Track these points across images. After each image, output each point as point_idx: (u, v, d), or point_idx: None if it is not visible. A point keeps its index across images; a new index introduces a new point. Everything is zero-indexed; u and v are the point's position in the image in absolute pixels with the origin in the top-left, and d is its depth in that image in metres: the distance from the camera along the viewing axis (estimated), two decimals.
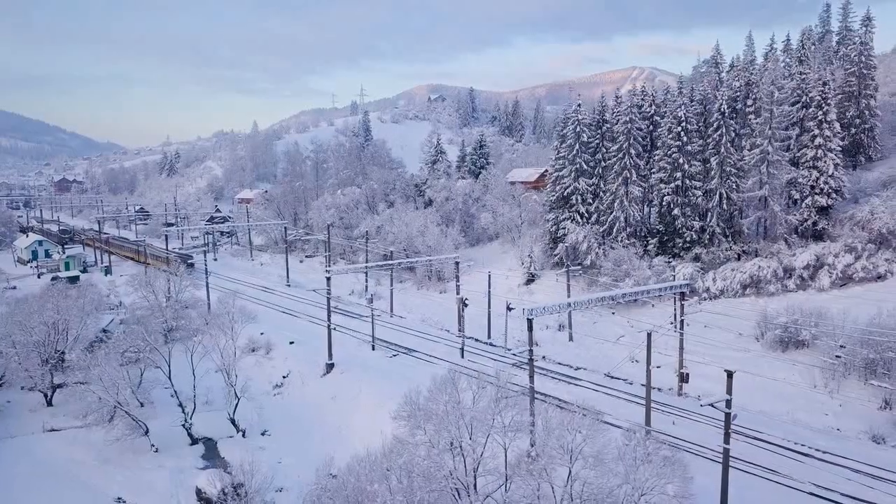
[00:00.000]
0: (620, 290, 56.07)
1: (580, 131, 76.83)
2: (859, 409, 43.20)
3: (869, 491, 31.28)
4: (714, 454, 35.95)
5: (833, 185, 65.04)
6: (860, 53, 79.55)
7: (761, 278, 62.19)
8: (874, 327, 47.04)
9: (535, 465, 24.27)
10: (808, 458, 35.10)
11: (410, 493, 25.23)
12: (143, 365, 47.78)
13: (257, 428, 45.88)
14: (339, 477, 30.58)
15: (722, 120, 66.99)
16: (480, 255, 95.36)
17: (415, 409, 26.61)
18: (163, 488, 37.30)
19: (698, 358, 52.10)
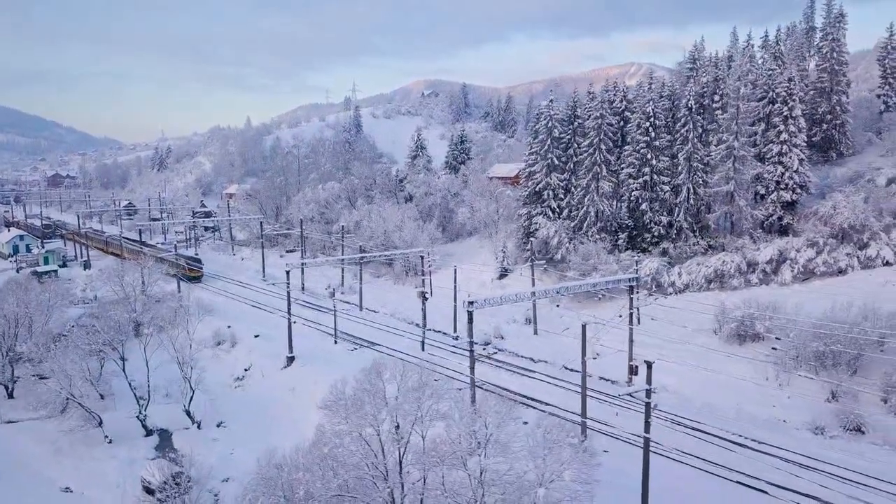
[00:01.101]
0: (569, 283, 56.61)
1: (552, 126, 77.22)
2: (807, 402, 43.69)
3: (794, 479, 31.89)
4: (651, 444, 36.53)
5: (798, 180, 65.55)
6: (832, 50, 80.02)
7: (725, 273, 62.68)
8: (827, 321, 47.62)
9: (450, 452, 24.79)
10: (742, 448, 35.71)
11: (329, 481, 25.77)
12: (103, 358, 48.26)
13: (214, 420, 46.46)
14: (278, 466, 31.08)
15: (689, 116, 67.41)
16: (459, 250, 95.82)
17: (339, 398, 27.09)
18: (111, 478, 37.83)
19: (657, 351, 52.69)
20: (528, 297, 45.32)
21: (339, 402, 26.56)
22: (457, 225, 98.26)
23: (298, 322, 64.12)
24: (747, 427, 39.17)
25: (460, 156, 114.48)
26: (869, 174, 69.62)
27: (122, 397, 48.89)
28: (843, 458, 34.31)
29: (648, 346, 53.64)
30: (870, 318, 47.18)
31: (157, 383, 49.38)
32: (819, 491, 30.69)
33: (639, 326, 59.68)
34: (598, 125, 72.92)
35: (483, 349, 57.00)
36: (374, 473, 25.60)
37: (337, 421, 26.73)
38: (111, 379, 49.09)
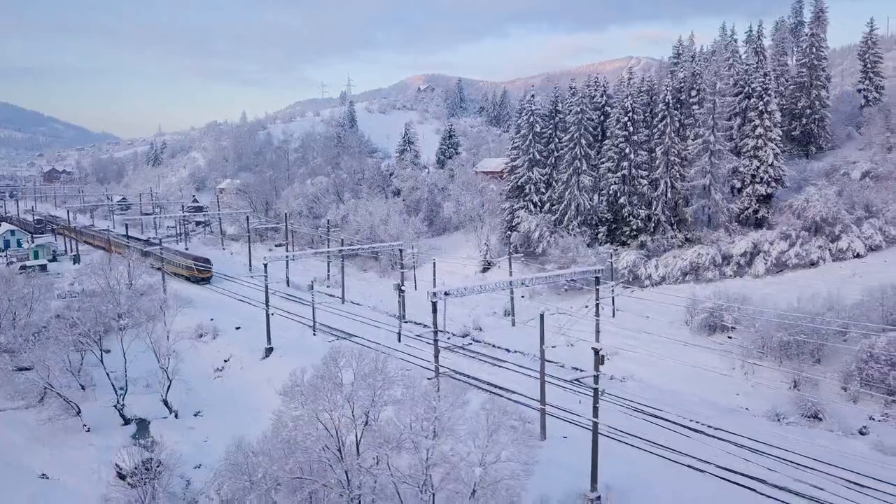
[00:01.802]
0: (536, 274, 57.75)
1: (533, 122, 78.10)
2: (769, 390, 44.72)
3: (743, 462, 32.96)
4: (609, 430, 37.61)
5: (773, 174, 66.49)
6: (811, 45, 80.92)
7: (700, 265, 63.72)
8: (793, 312, 48.61)
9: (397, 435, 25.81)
10: (698, 434, 36.78)
11: (286, 463, 26.83)
12: (83, 349, 49.25)
13: (192, 409, 47.44)
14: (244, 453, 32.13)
15: (667, 110, 68.27)
16: (445, 243, 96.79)
17: (296, 385, 28.09)
18: (87, 465, 38.82)
19: (628, 342, 53.80)
20: (493, 289, 46.27)
21: (297, 388, 27.54)
22: (444, 219, 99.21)
23: (281, 315, 65.30)
24: (707, 414, 40.18)
25: (448, 150, 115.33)
26: (844, 168, 70.70)
27: (103, 388, 49.78)
28: (795, 443, 35.29)
29: (622, 337, 55.00)
30: (834, 309, 48.32)
31: (138, 375, 50.42)
32: (765, 474, 31.73)
33: (614, 318, 61.00)
34: (578, 120, 73.81)
35: (461, 340, 58.05)
36: (330, 456, 26.61)
37: (294, 406, 27.73)
38: (92, 370, 50.02)
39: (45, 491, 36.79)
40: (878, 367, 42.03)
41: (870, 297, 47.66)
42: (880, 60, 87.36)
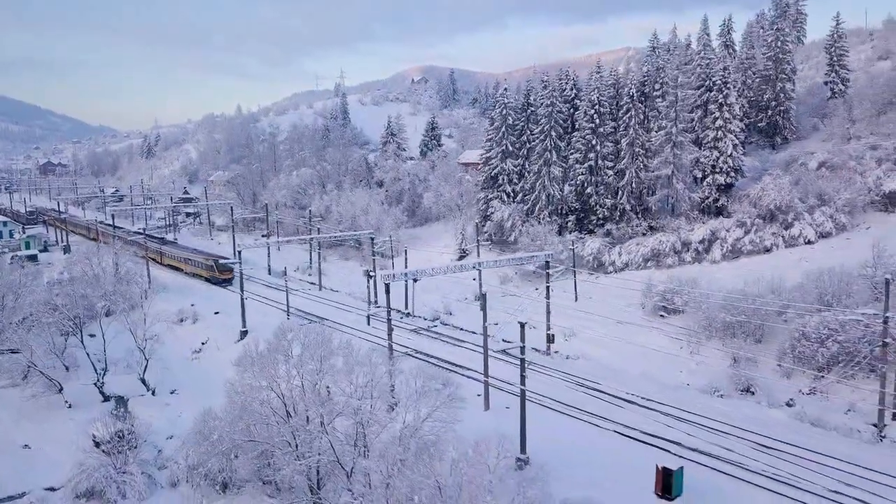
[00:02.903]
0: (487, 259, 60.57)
1: (506, 114, 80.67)
2: (711, 368, 47.57)
3: (666, 429, 35.86)
4: (551, 402, 40.55)
5: (732, 164, 69.14)
6: (776, 39, 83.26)
7: (661, 252, 66.52)
8: (739, 295, 51.49)
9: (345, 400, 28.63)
10: (630, 405, 39.63)
11: (239, 426, 29.68)
12: (67, 332, 52.06)
13: (169, 387, 50.25)
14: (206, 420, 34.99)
15: (631, 103, 70.86)
16: (425, 233, 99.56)
17: (248, 355, 30.89)
18: (67, 437, 41.46)
19: (585, 323, 56.69)
20: (444, 272, 48.91)
21: (248, 358, 30.33)
22: (425, 209, 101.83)
23: (259, 301, 68.15)
24: (647, 389, 42.98)
25: (431, 142, 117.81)
26: (802, 158, 73.24)
27: (85, 369, 52.58)
28: (720, 413, 38.18)
29: (580, 320, 57.78)
30: (776, 292, 51.23)
31: (120, 356, 53.24)
32: (683, 438, 34.62)
33: (576, 302, 63.88)
34: (548, 113, 76.39)
35: (428, 323, 60.88)
36: (279, 419, 29.42)
37: (247, 375, 30.52)
38: (76, 353, 52.82)
39: (26, 459, 39.66)
40: (808, 344, 44.90)
41: (808, 280, 50.50)
42: (846, 54, 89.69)
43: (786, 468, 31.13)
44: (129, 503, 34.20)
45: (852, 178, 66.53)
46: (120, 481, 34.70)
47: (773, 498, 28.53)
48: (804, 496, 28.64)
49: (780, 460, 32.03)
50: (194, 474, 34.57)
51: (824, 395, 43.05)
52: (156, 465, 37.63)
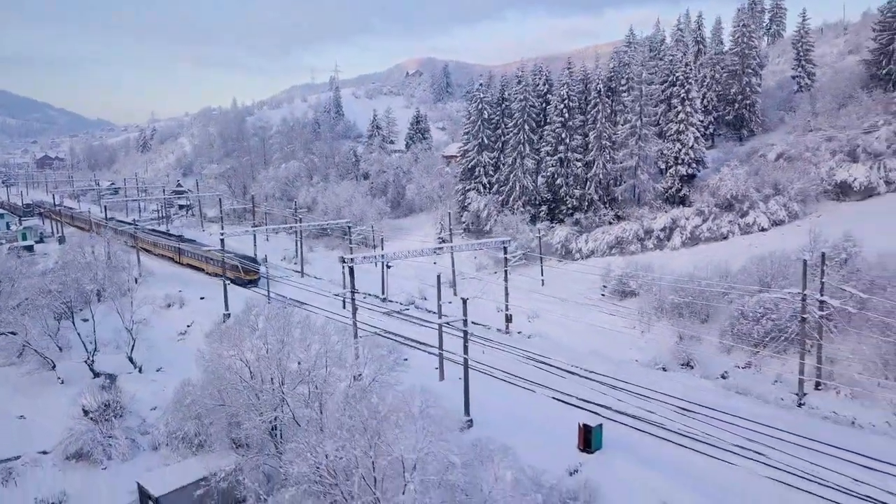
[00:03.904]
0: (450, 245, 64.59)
1: (482, 108, 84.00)
2: (659, 345, 51.19)
3: (600, 395, 39.59)
4: (502, 374, 44.21)
5: (693, 156, 72.52)
6: (742, 35, 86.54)
7: (624, 239, 70.02)
8: (690, 278, 55.09)
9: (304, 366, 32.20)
10: (572, 376, 43.30)
11: (207, 392, 33.27)
12: (60, 316, 55.69)
13: (155, 366, 53.84)
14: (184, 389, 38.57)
15: (598, 98, 74.19)
16: (409, 224, 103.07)
17: (218, 328, 34.41)
18: (59, 409, 45.02)
19: (548, 306, 60.36)
20: (404, 256, 52.47)
21: (217, 331, 33.85)
22: (409, 200, 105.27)
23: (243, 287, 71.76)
24: (593, 363, 46.63)
25: (416, 135, 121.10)
26: (763, 150, 76.63)
27: (78, 350, 56.23)
28: (653, 383, 41.82)
29: (544, 303, 61.54)
30: (724, 275, 54.77)
31: (110, 338, 56.89)
32: (613, 402, 38.35)
33: (543, 287, 67.47)
34: (522, 107, 79.74)
35: (400, 307, 64.48)
36: (244, 384, 32.98)
37: (215, 347, 34.07)
38: (68, 335, 56.41)
39: (21, 428, 43.23)
40: (746, 323, 48.51)
41: (752, 264, 54.03)
42: (812, 49, 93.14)
43: (699, 427, 34.80)
44: (114, 464, 37.77)
45: (807, 169, 69.88)
46: (106, 444, 38.31)
47: (679, 450, 32.19)
48: (708, 449, 32.29)
49: (695, 421, 35.69)
50: (173, 438, 38.23)
51: (758, 368, 46.66)
52: (139, 432, 41.18)
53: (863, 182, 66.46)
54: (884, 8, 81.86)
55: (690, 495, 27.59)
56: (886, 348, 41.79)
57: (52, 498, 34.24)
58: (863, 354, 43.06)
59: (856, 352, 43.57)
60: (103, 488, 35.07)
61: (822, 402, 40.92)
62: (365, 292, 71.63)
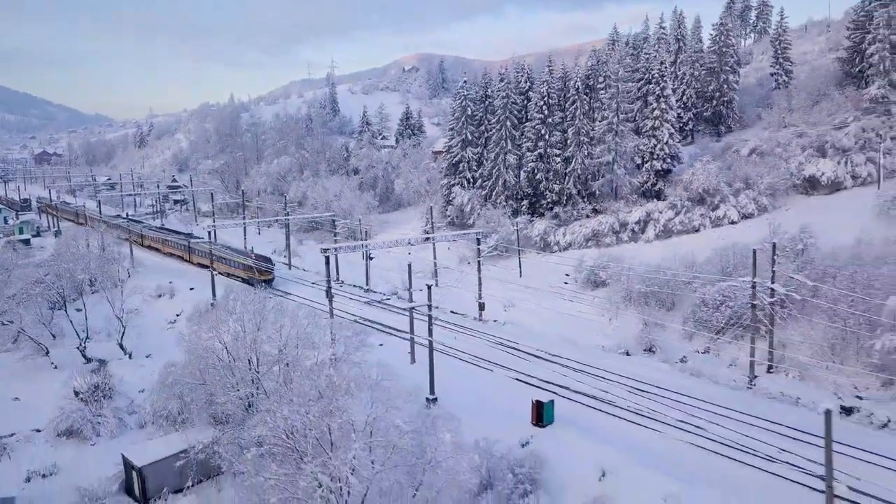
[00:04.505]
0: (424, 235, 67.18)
1: (465, 105, 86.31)
2: (626, 332, 53.60)
3: (562, 378, 41.98)
4: (470, 357, 46.67)
5: (668, 151, 74.87)
6: (720, 33, 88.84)
7: (600, 232, 72.45)
8: (654, 268, 57.54)
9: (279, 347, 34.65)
10: (537, 359, 45.78)
11: (186, 369, 35.72)
12: (54, 305, 58.20)
13: (144, 352, 56.19)
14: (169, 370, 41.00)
15: (577, 95, 76.50)
16: (397, 218, 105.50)
17: (198, 311, 36.83)
18: (52, 391, 47.44)
19: (522, 295, 62.81)
20: (382, 246, 54.99)
21: (196, 314, 36.27)
22: (397, 195, 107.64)
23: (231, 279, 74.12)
24: (559, 348, 49.08)
25: (406, 131, 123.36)
26: (737, 146, 79.00)
27: (72, 338, 58.67)
28: (613, 367, 44.29)
29: (520, 292, 63.93)
30: (690, 266, 57.22)
31: (102, 326, 59.41)
32: (571, 383, 40.79)
33: (521, 278, 69.89)
34: (504, 104, 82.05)
35: (381, 296, 66.95)
36: (221, 363, 35.42)
37: (195, 329, 36.49)
38: (62, 323, 58.87)
39: (16, 409, 45.68)
40: (707, 310, 51.02)
41: (716, 255, 56.48)
42: (789, 47, 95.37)
43: (648, 405, 37.28)
44: (103, 440, 40.24)
45: (777, 164, 72.26)
46: (94, 422, 40.77)
47: (625, 424, 34.72)
48: (652, 423, 34.76)
49: (645, 399, 38.18)
50: (158, 417, 40.64)
51: (716, 353, 49.17)
52: (127, 412, 43.62)
53: (830, 177, 68.85)
54: (857, 7, 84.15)
55: (626, 462, 30.02)
56: (833, 333, 44.30)
57: (43, 470, 36.66)
58: (812, 339, 45.52)
59: (806, 337, 46.01)
60: (91, 461, 37.45)
61: (772, 384, 43.41)
62: (351, 283, 74.26)
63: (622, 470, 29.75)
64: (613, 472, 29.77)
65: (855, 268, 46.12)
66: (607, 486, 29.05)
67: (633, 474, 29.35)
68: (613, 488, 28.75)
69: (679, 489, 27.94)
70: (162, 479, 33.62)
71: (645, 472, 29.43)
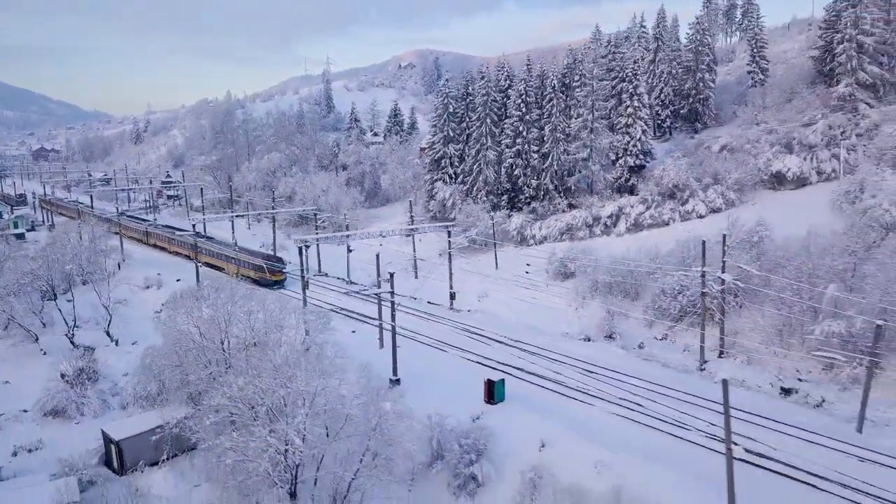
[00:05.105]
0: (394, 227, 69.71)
1: (447, 103, 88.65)
2: (591, 320, 56.06)
3: (519, 360, 44.51)
4: (437, 342, 49.18)
5: (641, 147, 77.25)
6: (696, 32, 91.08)
7: (574, 226, 74.84)
8: (619, 260, 60.04)
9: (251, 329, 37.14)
10: (499, 344, 48.34)
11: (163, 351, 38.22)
12: (45, 295, 60.75)
13: (130, 339, 58.65)
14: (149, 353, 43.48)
15: (553, 93, 78.83)
16: (384, 213, 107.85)
17: (174, 297, 39.32)
18: (40, 375, 49.97)
19: (494, 286, 65.34)
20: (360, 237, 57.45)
21: (172, 299, 38.74)
22: (384, 191, 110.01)
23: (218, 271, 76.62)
24: (523, 334, 51.57)
25: (394, 127, 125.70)
26: (709, 143, 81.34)
27: (62, 327, 61.17)
28: (570, 351, 46.80)
29: (494, 283, 66.49)
30: (654, 258, 59.64)
31: (90, 315, 61.95)
32: (528, 366, 43.34)
33: (497, 269, 72.33)
34: (484, 102, 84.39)
35: (359, 287, 69.43)
36: (195, 344, 37.89)
37: (171, 314, 38.97)
38: (52, 313, 61.36)
39: (6, 391, 48.18)
40: (665, 299, 53.52)
41: (678, 246, 58.92)
42: (765, 46, 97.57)
43: (595, 385, 39.82)
44: (86, 419, 42.73)
45: (746, 160, 74.58)
46: (79, 403, 43.29)
47: (571, 402, 37.29)
48: (595, 401, 37.29)
49: (593, 380, 40.74)
50: (139, 398, 43.15)
51: (672, 339, 51.69)
52: (111, 393, 46.13)
53: (796, 172, 71.21)
54: (829, 7, 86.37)
55: (565, 434, 32.51)
56: (781, 320, 46.82)
57: (29, 445, 39.15)
58: (761, 326, 48.05)
59: (756, 324, 48.55)
60: (75, 438, 39.91)
61: (721, 368, 45.90)
62: (335, 276, 76.73)
63: (561, 441, 32.24)
64: (553, 443, 32.26)
65: (803, 258, 48.52)
66: (546, 456, 31.55)
67: (570, 445, 31.83)
68: (551, 457, 31.25)
69: (610, 457, 30.42)
70: (138, 452, 36.11)
71: (581, 443, 31.90)
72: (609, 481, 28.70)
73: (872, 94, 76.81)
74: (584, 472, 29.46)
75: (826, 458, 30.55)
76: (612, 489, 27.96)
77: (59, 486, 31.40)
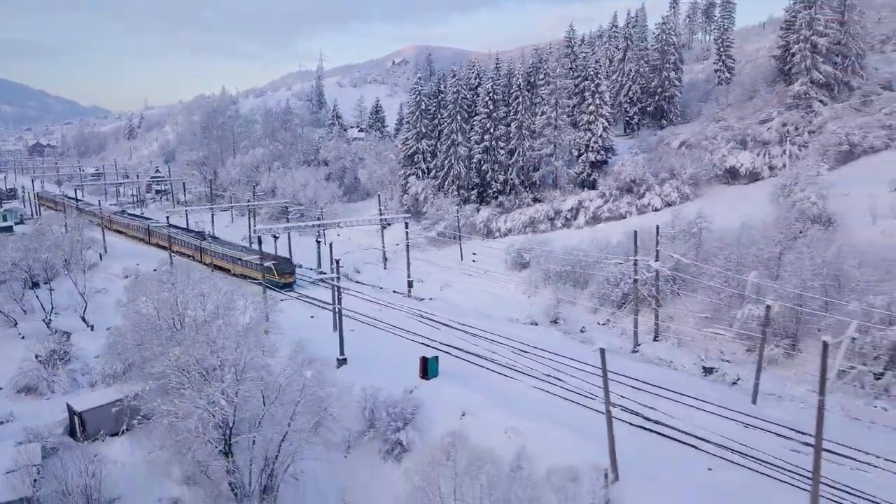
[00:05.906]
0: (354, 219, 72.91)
1: (420, 100, 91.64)
2: (541, 307, 59.13)
3: (461, 342, 47.67)
4: (389, 327, 52.35)
5: (602, 144, 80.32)
6: (663, 32, 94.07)
7: (537, 219, 77.96)
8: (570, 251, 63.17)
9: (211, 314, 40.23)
10: (447, 328, 51.48)
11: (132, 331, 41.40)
12: (26, 284, 63.92)
13: (106, 325, 61.77)
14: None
15: (519, 91, 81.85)
16: (362, 207, 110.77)
17: (135, 283, 42.42)
18: (17, 356, 53.06)
19: (455, 276, 68.51)
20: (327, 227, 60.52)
21: (133, 282, 41.83)
22: (363, 185, 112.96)
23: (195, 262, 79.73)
24: (473, 320, 54.70)
25: (375, 123, 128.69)
26: (669, 139, 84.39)
27: (42, 314, 64.41)
28: (515, 335, 49.95)
29: (457, 274, 69.63)
30: (604, 248, 62.74)
31: (69, 303, 65.09)
32: (469, 346, 46.58)
33: (462, 261, 75.43)
34: (455, 99, 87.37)
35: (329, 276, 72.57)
36: (151, 325, 41.00)
37: (132, 297, 42.10)
38: (33, 301, 64.50)
39: None
40: (609, 287, 56.66)
41: (626, 238, 61.97)
42: (731, 45, 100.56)
43: (526, 363, 43.01)
44: (56, 396, 45.87)
45: (702, 156, 77.67)
46: (50, 380, 46.43)
47: (499, 377, 40.48)
48: (525, 378, 40.50)
49: (525, 358, 43.96)
50: (106, 377, 46.31)
51: (613, 324, 54.86)
52: (81, 373, 49.27)
53: (748, 167, 74.40)
54: (788, 8, 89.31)
55: (486, 405, 35.70)
56: (710, 305, 49.97)
57: (1, 418, 42.27)
58: (693, 312, 51.20)
59: (688, 310, 51.70)
60: (45, 412, 42.97)
61: (653, 350, 49.22)
62: (307, 266, 79.77)
63: (481, 411, 35.44)
64: (473, 412, 35.45)
65: (734, 248, 51.61)
66: (465, 423, 34.73)
67: (488, 414, 35.02)
68: (469, 424, 34.42)
69: (521, 424, 33.59)
70: (100, 423, 39.25)
71: (499, 413, 35.08)
72: (515, 444, 31.85)
73: (827, 92, 79.85)
74: (495, 437, 32.60)
75: (715, 426, 33.69)
76: (517, 450, 31.09)
77: (22, 451, 34.51)
